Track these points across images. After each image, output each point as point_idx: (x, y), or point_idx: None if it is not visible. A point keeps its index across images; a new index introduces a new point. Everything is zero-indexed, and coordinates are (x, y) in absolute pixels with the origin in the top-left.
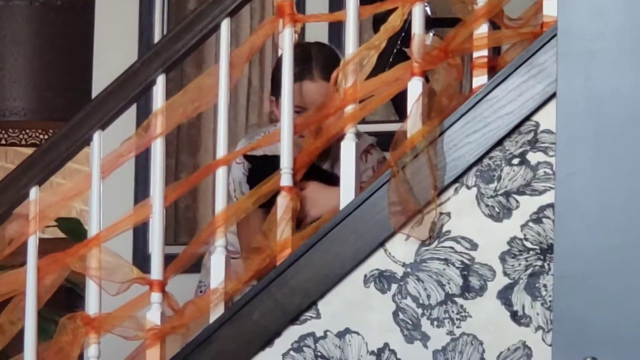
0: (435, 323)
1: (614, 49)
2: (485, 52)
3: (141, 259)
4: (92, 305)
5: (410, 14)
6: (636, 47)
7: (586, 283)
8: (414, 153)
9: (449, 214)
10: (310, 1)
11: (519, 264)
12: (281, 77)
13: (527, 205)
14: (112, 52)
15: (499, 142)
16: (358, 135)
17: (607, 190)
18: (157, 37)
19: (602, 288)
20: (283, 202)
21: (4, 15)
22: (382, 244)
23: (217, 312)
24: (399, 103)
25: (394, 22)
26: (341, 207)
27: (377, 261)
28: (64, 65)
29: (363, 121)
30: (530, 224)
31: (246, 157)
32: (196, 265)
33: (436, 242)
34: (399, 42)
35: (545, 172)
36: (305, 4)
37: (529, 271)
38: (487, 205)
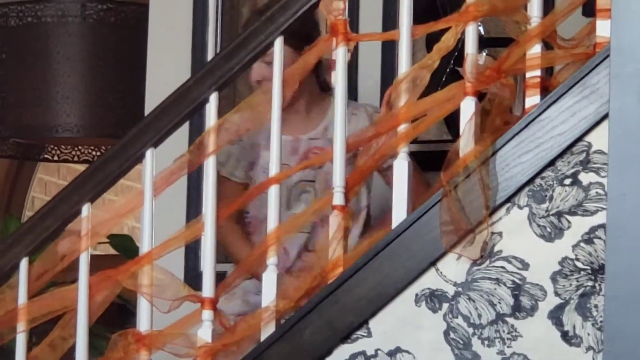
0: (486, 342)
1: None
2: (538, 73)
3: (192, 277)
4: (143, 322)
5: (463, 33)
6: None
7: (638, 304)
8: (466, 173)
9: (500, 234)
10: (364, 20)
11: (570, 284)
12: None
13: (579, 225)
14: (165, 69)
15: (551, 163)
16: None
17: None
18: (210, 55)
19: None
20: (335, 221)
21: (57, 31)
22: (433, 263)
23: (268, 330)
24: (451, 122)
25: (447, 42)
26: (393, 226)
27: (429, 280)
28: (116, 82)
29: (415, 140)
30: (582, 244)
31: None
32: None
33: (487, 262)
34: (452, 61)
35: (597, 192)
36: (359, 23)
37: (580, 291)
38: (538, 225)
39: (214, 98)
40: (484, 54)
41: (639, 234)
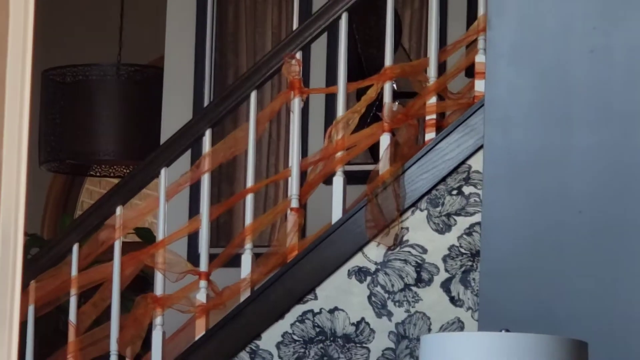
0: (397, 304)
1: (524, 115)
2: (434, 116)
3: (193, 257)
4: (158, 288)
5: (382, 88)
6: (541, 114)
7: (503, 278)
8: (383, 186)
9: (407, 229)
10: (313, 77)
11: (456, 264)
12: None
13: (462, 223)
14: (174, 112)
15: (443, 179)
16: None
17: (518, 212)
18: (206, 103)
19: (513, 282)
20: (292, 219)
21: (99, 86)
22: (360, 249)
23: (245, 294)
24: (373, 151)
25: (371, 94)
26: (332, 222)
27: (357, 260)
28: (140, 120)
29: (348, 163)
30: (464, 236)
31: None
32: (231, 261)
33: (398, 248)
34: (374, 108)
35: (475, 200)
36: (310, 79)
37: (463, 269)
38: (434, 223)
39: (208, 133)
40: (397, 103)
41: (505, 229)
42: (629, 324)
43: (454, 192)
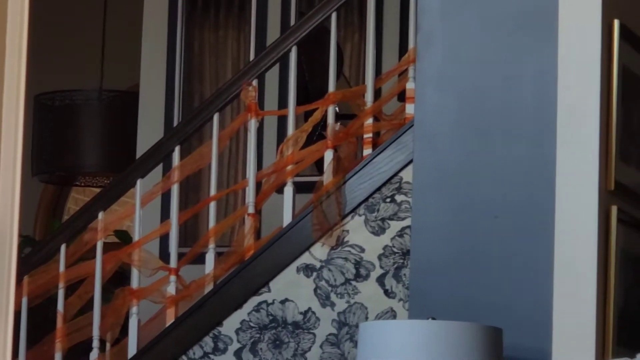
0: (339, 296)
1: (447, 133)
2: (370, 135)
3: (164, 255)
4: (134, 282)
5: (326, 111)
6: (462, 132)
7: (430, 273)
8: (327, 194)
9: (348, 231)
10: (267, 101)
11: (389, 261)
12: None
13: (395, 226)
14: (148, 131)
15: (378, 189)
16: None
17: (443, 217)
18: (175, 123)
19: (439, 276)
20: (249, 222)
21: (84, 109)
22: (307, 248)
23: (209, 287)
24: (319, 164)
25: (316, 116)
26: (283, 226)
27: (305, 258)
28: (119, 139)
29: (297, 175)
30: (397, 237)
31: None
32: (197, 259)
33: (340, 248)
34: (319, 128)
35: (405, 206)
36: (264, 103)
37: (395, 265)
38: (370, 226)
39: (177, 149)
40: (339, 123)
41: (431, 232)
42: (537, 311)
43: (388, 199)
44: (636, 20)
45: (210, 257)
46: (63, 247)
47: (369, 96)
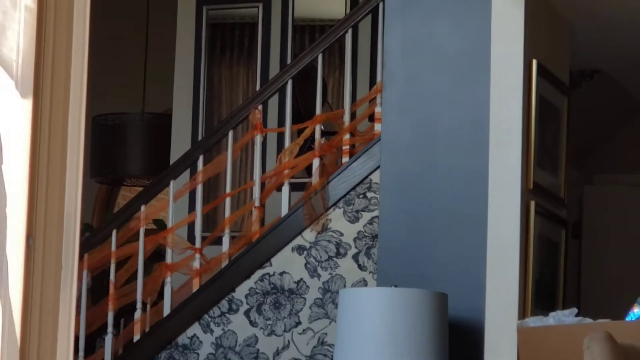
0: (324, 268)
1: (406, 146)
2: (348, 147)
3: (191, 238)
4: (168, 259)
5: (314, 129)
6: (417, 146)
7: (393, 252)
8: (316, 192)
9: (330, 220)
10: (269, 121)
11: (363, 243)
12: None
13: (366, 216)
14: (179, 144)
15: (354, 188)
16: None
17: (403, 209)
18: (199, 137)
19: (400, 254)
20: (255, 213)
21: (130, 127)
22: (300, 233)
23: (224, 263)
24: (309, 169)
25: (307, 132)
26: (281, 216)
27: (297, 240)
28: (157, 149)
29: (292, 177)
30: (367, 225)
31: None
32: (216, 241)
33: (324, 233)
34: (309, 141)
35: (374, 201)
36: (267, 122)
37: (367, 245)
38: (348, 216)
39: (201, 158)
40: (324, 138)
41: (394, 220)
42: (475, 281)
43: (361, 196)
44: (549, 59)
45: (226, 240)
46: (114, 233)
47: (346, 117)
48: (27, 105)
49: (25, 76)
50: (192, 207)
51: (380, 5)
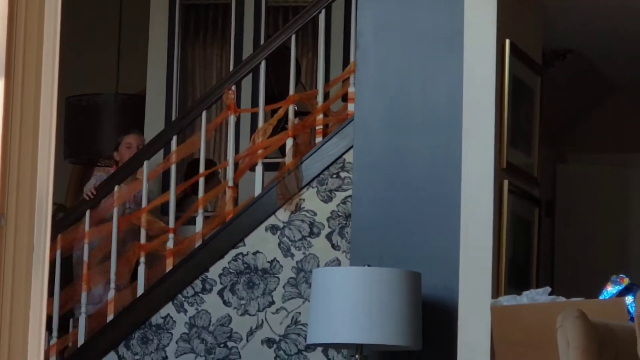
0: (297, 249)
1: (379, 126)
2: (321, 127)
3: (164, 220)
4: (142, 239)
5: (287, 109)
6: (390, 125)
7: (366, 231)
8: (289, 172)
9: (304, 200)
10: (243, 101)
11: (336, 222)
12: None
13: (339, 196)
14: (153, 124)
15: (327, 167)
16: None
17: (376, 189)
18: (173, 118)
19: (373, 234)
20: (229, 193)
21: (103, 107)
22: (273, 212)
23: (198, 242)
24: (282, 149)
25: (280, 112)
26: (255, 195)
27: (271, 220)
28: (131, 130)
29: (266, 157)
30: (341, 204)
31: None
32: (189, 221)
33: (298, 212)
34: (282, 121)
35: (348, 180)
36: (241, 102)
37: (340, 225)
38: (321, 195)
39: (174, 138)
40: (297, 118)
41: (367, 200)
42: (448, 260)
43: (334, 175)
44: (522, 39)
45: (199, 220)
46: (87, 213)
47: (320, 97)
48: None
49: None
50: (165, 187)
51: None
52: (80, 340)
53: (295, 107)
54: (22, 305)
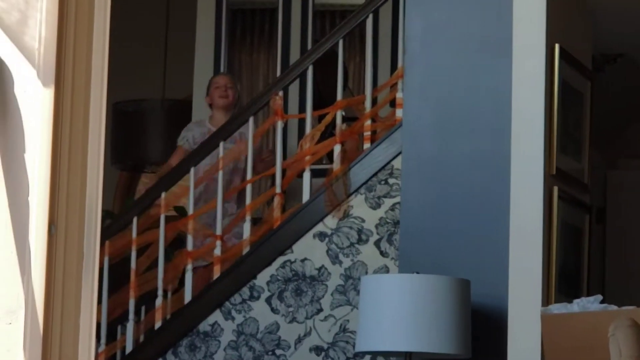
0: (345, 256)
1: (427, 131)
2: (369, 132)
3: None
4: (189, 246)
5: (335, 115)
6: (438, 130)
7: (415, 238)
8: (337, 178)
9: (352, 206)
10: (290, 107)
11: (384, 229)
12: None
13: (388, 202)
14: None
15: (375, 174)
16: None
17: (424, 195)
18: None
19: (422, 240)
20: (277, 200)
21: (150, 113)
22: (321, 219)
23: (246, 249)
24: (330, 155)
25: (328, 118)
26: (303, 202)
27: (319, 227)
28: (177, 136)
29: (314, 163)
30: (389, 211)
31: None
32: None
33: (346, 219)
34: (330, 127)
35: (396, 187)
36: (288, 108)
37: (389, 232)
38: (370, 202)
39: (221, 145)
40: (345, 124)
41: (416, 206)
42: (498, 267)
43: (383, 182)
44: (572, 44)
45: (247, 227)
46: (135, 219)
47: (367, 103)
48: (48, 93)
49: (47, 65)
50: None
51: None
52: (129, 348)
53: (343, 113)
54: (73, 312)
